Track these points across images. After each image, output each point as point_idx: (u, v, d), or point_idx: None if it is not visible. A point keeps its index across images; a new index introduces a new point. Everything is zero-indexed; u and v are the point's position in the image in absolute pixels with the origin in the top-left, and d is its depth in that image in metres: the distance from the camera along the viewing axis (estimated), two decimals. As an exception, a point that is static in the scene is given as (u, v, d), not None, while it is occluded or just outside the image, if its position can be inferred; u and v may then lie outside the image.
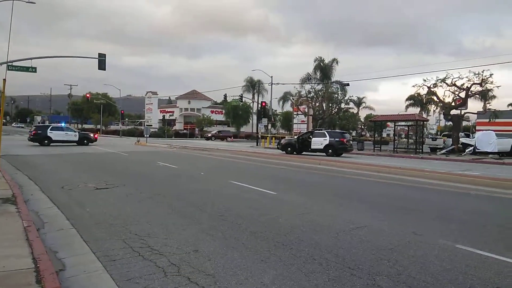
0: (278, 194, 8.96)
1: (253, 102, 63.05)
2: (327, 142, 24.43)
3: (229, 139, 56.52)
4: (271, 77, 41.94)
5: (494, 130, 30.50)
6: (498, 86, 29.14)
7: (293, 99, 44.72)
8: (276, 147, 29.46)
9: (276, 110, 70.37)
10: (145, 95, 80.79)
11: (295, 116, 50.60)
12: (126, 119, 75.31)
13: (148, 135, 38.44)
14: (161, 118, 71.91)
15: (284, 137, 38.86)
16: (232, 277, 3.76)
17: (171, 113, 79.81)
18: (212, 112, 75.57)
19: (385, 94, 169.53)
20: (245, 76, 75.25)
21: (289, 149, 25.79)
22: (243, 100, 53.34)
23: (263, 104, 43.48)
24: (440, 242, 5.10)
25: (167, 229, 5.55)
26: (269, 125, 44.85)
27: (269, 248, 4.66)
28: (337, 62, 42.40)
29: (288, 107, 60.38)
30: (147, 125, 56.47)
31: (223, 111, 71.58)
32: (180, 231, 5.43)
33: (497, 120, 32.47)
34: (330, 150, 24.19)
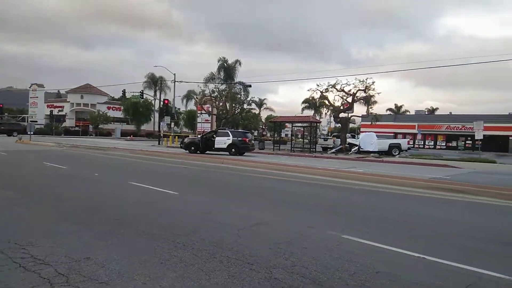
0: (181, 194, 8.80)
1: (155, 99, 60.85)
2: (230, 142, 24.84)
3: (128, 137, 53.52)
4: (174, 74, 41.07)
5: (375, 132, 34.64)
6: (379, 93, 33.14)
7: (197, 98, 44.37)
8: (180, 146, 28.87)
9: (179, 109, 69.01)
10: (29, 87, 71.73)
11: (199, 115, 50.26)
12: (6, 114, 65.91)
13: (32, 132, 34.22)
14: (49, 113, 64.81)
15: (188, 136, 38.33)
16: (128, 283, 3.57)
17: (60, 108, 72.42)
18: (109, 108, 70.65)
19: (284, 96, 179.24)
20: (145, 72, 72.08)
21: (192, 148, 25.52)
22: (144, 97, 51.01)
23: (166, 101, 42.28)
24: (329, 233, 5.58)
25: (54, 236, 5.02)
26: (172, 123, 43.76)
27: (169, 250, 4.55)
28: (240, 64, 43.49)
29: (192, 106, 59.73)
30: (31, 121, 50.26)
31: (122, 108, 67.40)
32: (69, 238, 4.96)
33: (377, 123, 36.87)
34: (233, 149, 24.64)
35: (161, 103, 44.49)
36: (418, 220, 6.99)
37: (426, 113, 70.67)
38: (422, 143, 54.72)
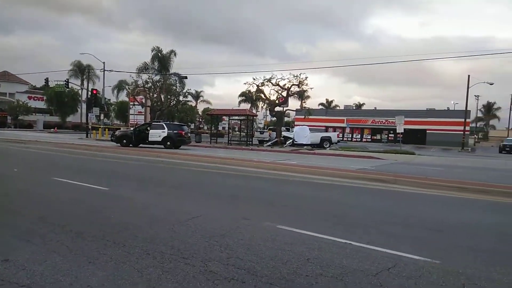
0: (111, 189, 8.39)
1: (82, 89, 56.88)
2: (166, 134, 24.23)
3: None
4: (104, 63, 38.69)
5: (308, 126, 36.05)
6: (311, 88, 34.59)
7: (129, 89, 42.35)
8: (110, 139, 27.48)
9: (110, 100, 65.42)
10: None
11: (131, 106, 48.15)
12: None
13: None
14: (-44, 102, 57.59)
15: (120, 129, 36.58)
16: (52, 284, 3.34)
17: (-29, 97, 64.62)
18: (30, 98, 64.48)
19: (221, 89, 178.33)
20: (71, 60, 66.71)
21: (124, 141, 24.43)
22: (70, 86, 47.45)
23: (94, 91, 39.83)
24: (265, 224, 5.72)
25: (-37, 239, 4.51)
26: (102, 115, 41.41)
27: (98, 248, 4.33)
28: (175, 54, 42.16)
29: (124, 97, 56.84)
30: None
31: (45, 98, 61.98)
32: (-18, 241, 4.49)
33: (310, 117, 38.36)
34: (168, 143, 24.06)
35: (89, 93, 41.76)
36: (347, 209, 7.45)
37: (354, 108, 75.07)
38: (350, 136, 58.13)
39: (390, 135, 54.62)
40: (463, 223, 6.53)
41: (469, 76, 41.67)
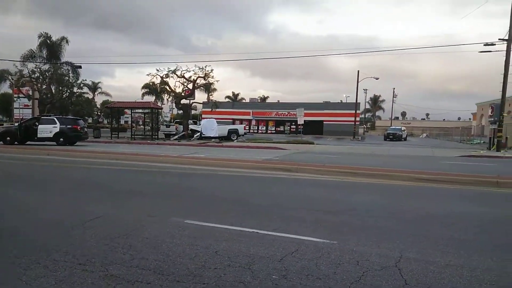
0: (-10, 194, 7.30)
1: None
2: (58, 130, 21.99)
3: None
4: (-23, 48, 33.33)
5: (216, 118, 36.13)
6: (217, 80, 34.59)
7: (12, 79, 37.23)
8: (-11, 136, 23.88)
9: (-13, 91, 56.69)
10: None
11: (15, 99, 42.50)
12: None
13: None
14: None
15: (2, 125, 32.10)
16: None
17: None
18: None
19: (122, 80, 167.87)
20: None
21: (8, 138, 21.56)
22: None
23: (-34, 82, 34.18)
24: (172, 220, 5.55)
25: None
26: (-23, 109, 35.72)
27: (-27, 263, 3.72)
28: (67, 42, 38.25)
29: (6, 89, 49.77)
30: None
31: None
32: None
33: (217, 110, 38.43)
34: (61, 139, 21.92)
35: (-40, 83, 35.69)
36: (254, 199, 7.64)
37: (259, 101, 77.55)
38: (256, 128, 60.06)
39: (292, 126, 57.67)
40: (356, 204, 7.20)
41: (358, 71, 46.30)
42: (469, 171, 12.09)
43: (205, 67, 32.43)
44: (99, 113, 69.76)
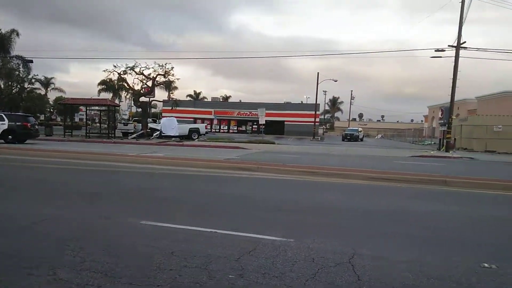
0: None
1: None
2: (6, 127, 20.80)
3: None
4: None
5: (176, 117, 35.51)
6: (178, 79, 33.99)
7: (-47, 72, 34.49)
8: None
9: None
10: None
11: (-44, 93, 39.38)
12: None
13: None
14: None
15: None
16: None
17: None
18: None
19: (78, 76, 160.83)
20: None
21: None
22: None
23: None
24: (127, 221, 5.38)
25: None
26: None
27: None
28: (18, 34, 36.02)
29: None
30: None
31: None
32: None
33: (178, 108, 37.85)
34: (10, 136, 20.78)
35: None
36: (213, 198, 7.59)
37: (221, 100, 77.21)
38: (218, 128, 59.71)
39: (254, 126, 57.86)
40: (314, 203, 7.35)
41: (318, 73, 47.33)
42: (420, 171, 12.76)
43: (165, 64, 31.75)
44: (52, 110, 66.28)
